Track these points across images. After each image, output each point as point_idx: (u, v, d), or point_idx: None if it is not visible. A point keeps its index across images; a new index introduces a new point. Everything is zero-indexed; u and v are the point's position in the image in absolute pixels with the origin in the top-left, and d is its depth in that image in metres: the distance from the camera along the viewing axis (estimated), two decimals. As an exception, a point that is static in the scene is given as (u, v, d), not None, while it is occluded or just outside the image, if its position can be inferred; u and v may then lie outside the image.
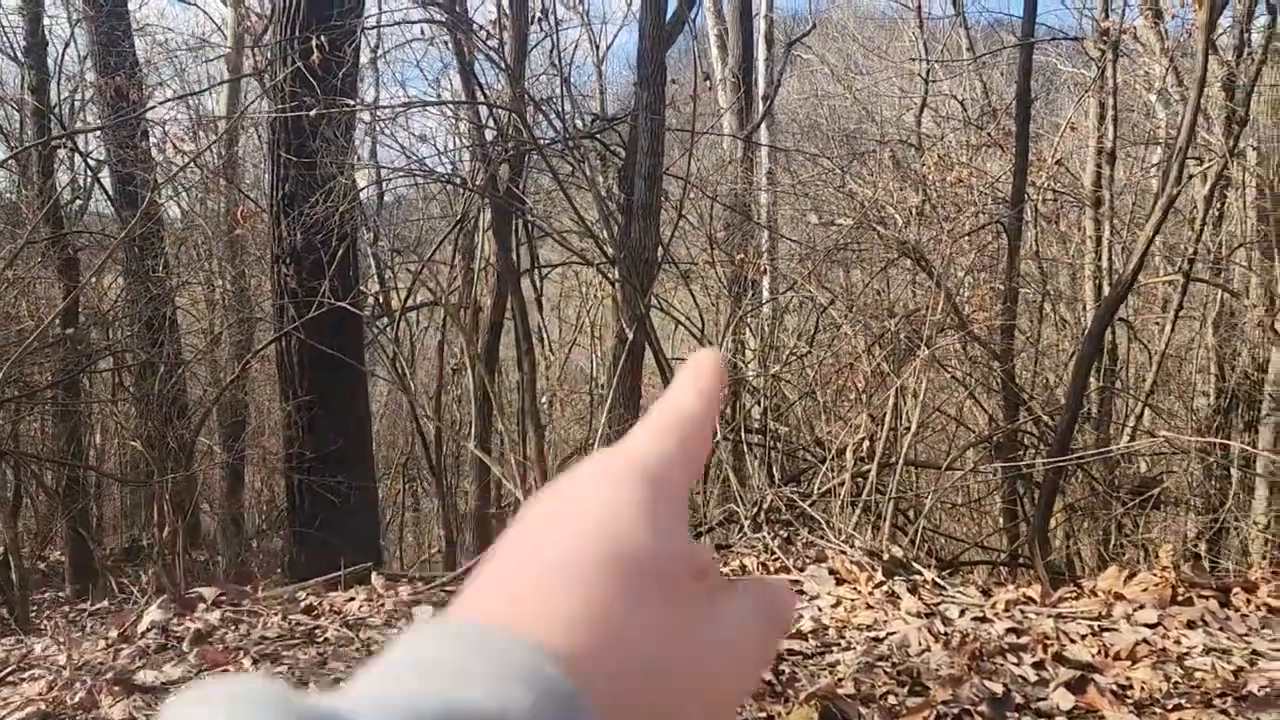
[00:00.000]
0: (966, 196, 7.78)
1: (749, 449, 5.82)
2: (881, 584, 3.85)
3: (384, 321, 9.46)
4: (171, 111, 10.01)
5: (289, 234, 6.96)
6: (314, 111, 6.03)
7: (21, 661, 3.54)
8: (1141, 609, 3.42)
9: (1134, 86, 10.11)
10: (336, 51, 6.25)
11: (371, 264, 10.17)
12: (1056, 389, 7.58)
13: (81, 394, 9.31)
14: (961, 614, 3.51)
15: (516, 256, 8.07)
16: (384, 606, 4.01)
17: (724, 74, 10.82)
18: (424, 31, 7.31)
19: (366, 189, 8.91)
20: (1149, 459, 7.44)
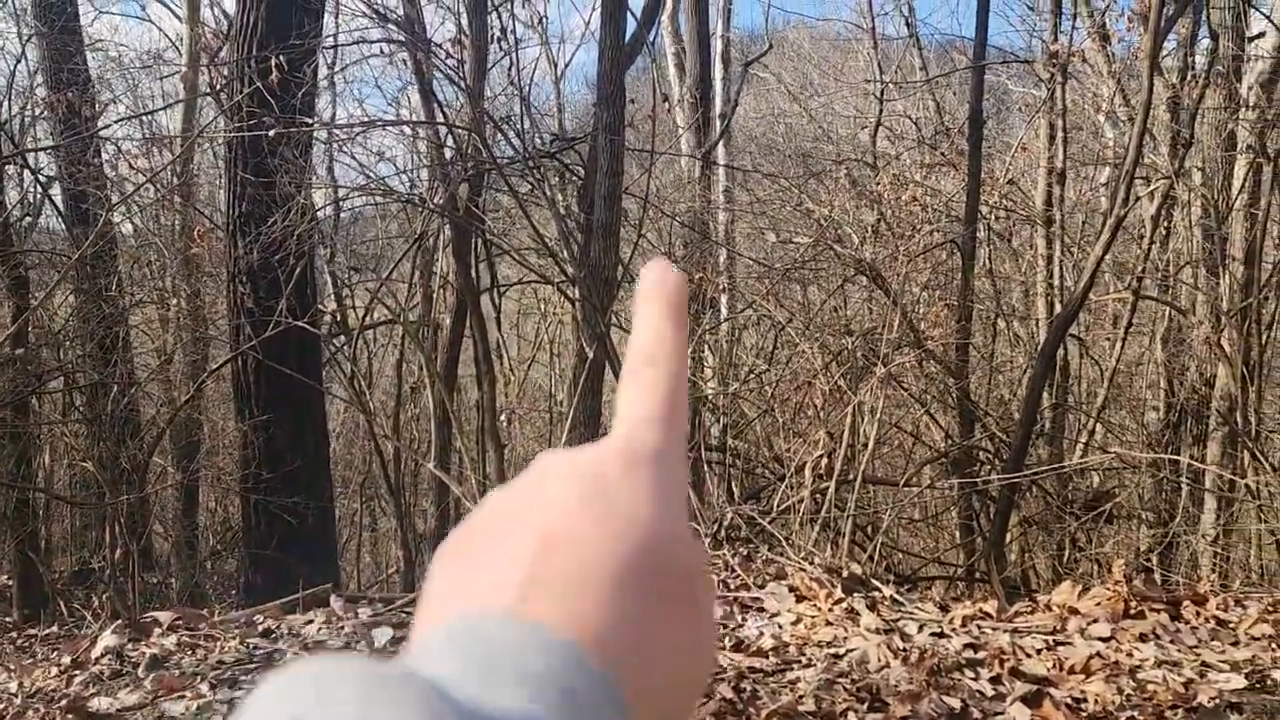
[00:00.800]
0: (921, 215, 7.90)
1: (709, 467, 5.85)
2: (841, 600, 3.87)
3: (341, 340, 9.39)
4: (125, 128, 9.89)
5: (245, 252, 6.90)
6: (272, 131, 6.00)
7: (-31, 691, 3.46)
8: (1095, 623, 3.48)
9: (1083, 107, 10.32)
10: (295, 71, 6.22)
11: (329, 282, 10.10)
12: (1011, 405, 7.69)
13: (31, 415, 9.12)
14: (920, 630, 3.55)
15: (476, 275, 8.05)
16: (343, 629, 3.97)
17: (682, 93, 10.90)
18: (383, 50, 7.29)
19: (325, 207, 8.86)
20: (1102, 473, 7.57)
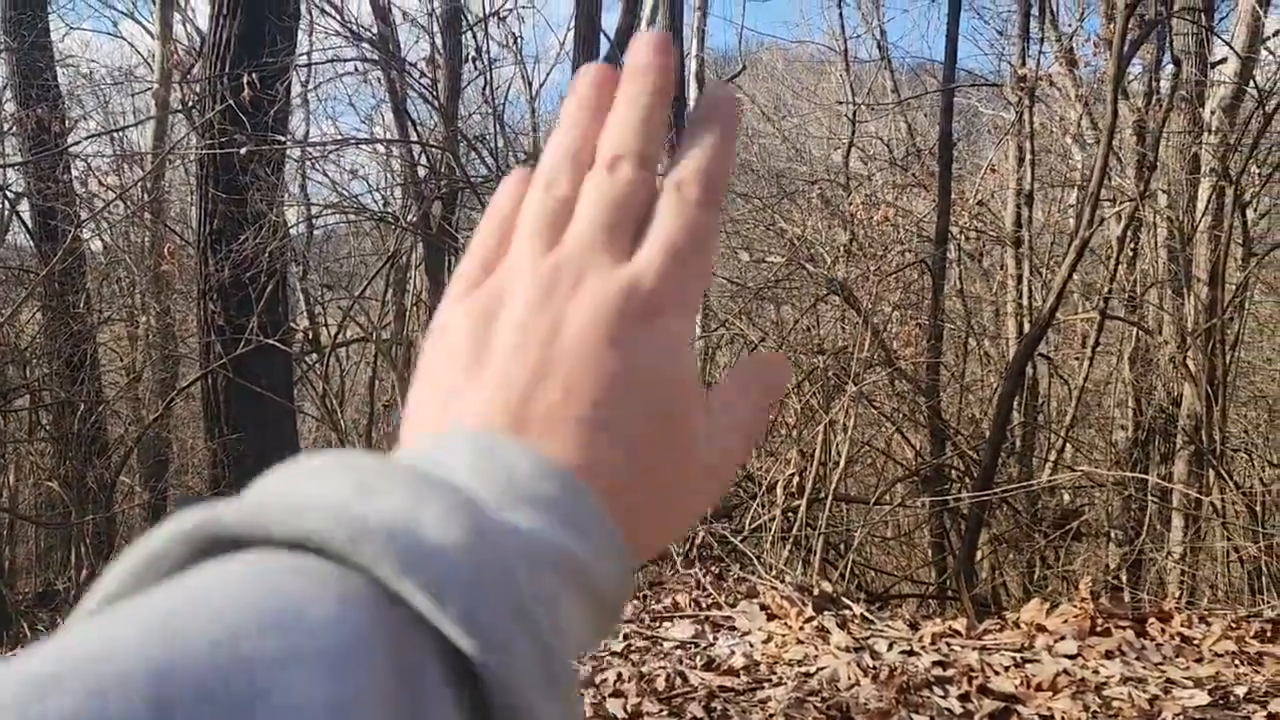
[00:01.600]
0: (893, 235, 7.98)
1: (682, 485, 5.85)
2: (812, 619, 3.89)
3: (314, 358, 9.33)
4: (96, 145, 9.82)
5: (217, 269, 6.86)
6: (244, 149, 5.98)
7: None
8: (1062, 640, 3.51)
9: (1051, 130, 10.47)
10: (268, 89, 6.21)
11: (301, 299, 10.05)
12: (982, 423, 7.76)
13: (-5, 433, 9.01)
14: (890, 648, 3.57)
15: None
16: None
17: (656, 113, 10.95)
18: (357, 69, 7.30)
19: (297, 224, 8.83)
20: (1070, 491, 7.64)
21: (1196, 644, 3.51)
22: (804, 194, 9.82)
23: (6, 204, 10.30)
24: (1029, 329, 7.13)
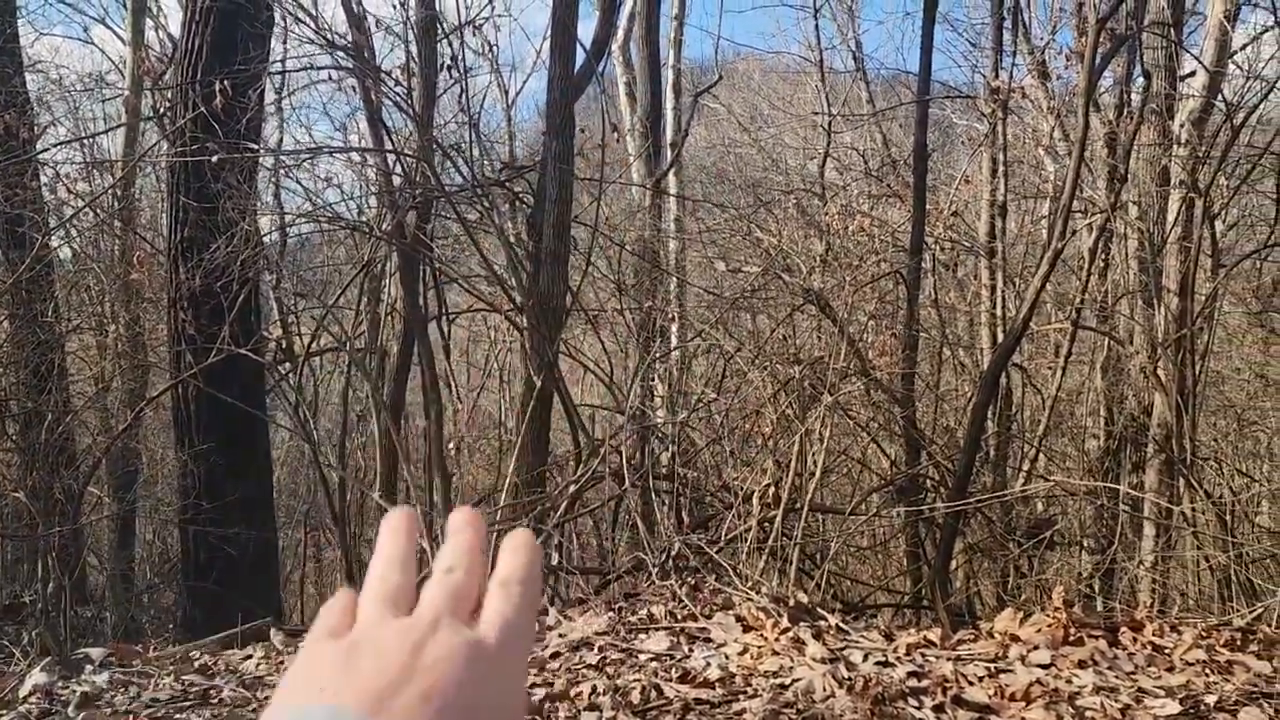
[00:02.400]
0: (868, 245, 8.00)
1: (657, 496, 5.83)
2: (787, 630, 3.88)
3: (286, 367, 9.24)
4: (65, 152, 9.71)
5: (188, 278, 6.79)
6: (216, 157, 5.92)
7: (-114, 733, 3.33)
8: (1035, 649, 3.52)
9: (1024, 142, 10.56)
10: (240, 96, 6.16)
11: (274, 308, 9.96)
12: (956, 433, 7.79)
13: (-39, 443, 8.85)
14: (865, 659, 3.56)
15: (424, 302, 7.99)
16: (283, 664, 3.89)
17: (633, 122, 10.97)
18: (331, 77, 7.26)
19: (271, 233, 8.76)
20: (1044, 501, 7.68)
21: (1168, 653, 3.52)
22: (780, 204, 9.86)
23: (-26, 211, 10.15)
24: (1003, 339, 7.17)
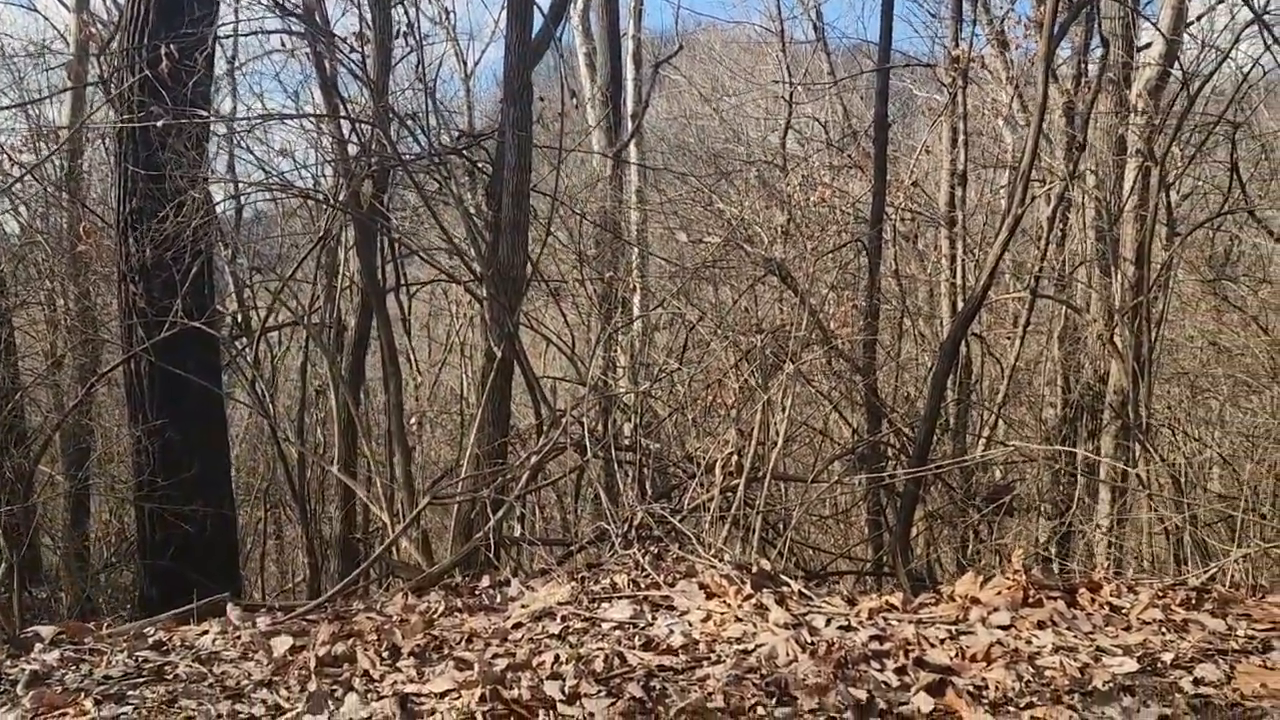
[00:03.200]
0: (829, 216, 8.01)
1: (620, 466, 5.81)
2: (750, 597, 3.88)
3: (243, 342, 9.09)
4: (8, 121, 9.44)
5: (138, 250, 6.63)
6: (162, 122, 5.76)
7: None
8: (995, 612, 3.54)
9: (983, 112, 10.60)
10: (187, 60, 5.99)
11: (229, 282, 9.78)
12: (917, 401, 7.84)
13: (-95, 423, 8.63)
14: (828, 623, 3.57)
15: (382, 274, 7.88)
16: (240, 639, 3.83)
17: (593, 92, 10.86)
18: (283, 42, 7.09)
19: (223, 203, 8.58)
20: (1003, 467, 7.77)
21: (1125, 613, 3.56)
22: (741, 175, 9.83)
23: (-86, 183, 9.86)
24: (962, 307, 7.21)
